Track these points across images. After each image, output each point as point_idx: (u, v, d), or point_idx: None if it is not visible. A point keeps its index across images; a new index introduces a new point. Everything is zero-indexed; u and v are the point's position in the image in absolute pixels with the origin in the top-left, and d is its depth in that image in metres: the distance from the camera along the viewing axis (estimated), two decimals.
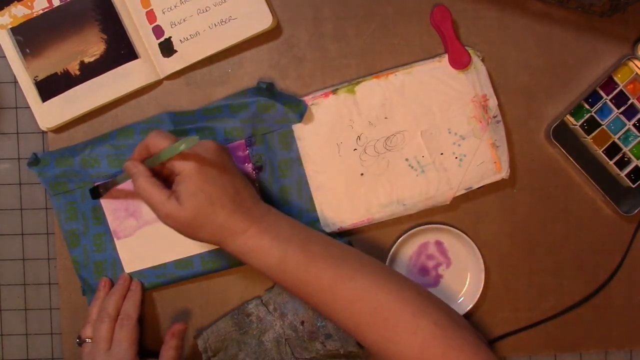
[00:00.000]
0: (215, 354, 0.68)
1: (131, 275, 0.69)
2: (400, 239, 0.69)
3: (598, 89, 0.68)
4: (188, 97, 0.69)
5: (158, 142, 0.57)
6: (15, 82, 0.69)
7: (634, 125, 0.69)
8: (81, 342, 0.65)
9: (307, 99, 0.67)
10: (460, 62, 0.67)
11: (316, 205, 0.68)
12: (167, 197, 0.56)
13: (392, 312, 0.55)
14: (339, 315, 0.57)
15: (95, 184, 0.67)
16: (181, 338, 0.67)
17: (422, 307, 0.56)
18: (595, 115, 0.69)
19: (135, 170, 0.58)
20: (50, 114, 0.68)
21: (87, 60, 0.67)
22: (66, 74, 0.67)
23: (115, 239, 0.68)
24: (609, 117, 0.69)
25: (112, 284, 0.68)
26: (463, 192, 0.68)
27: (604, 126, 0.69)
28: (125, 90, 0.68)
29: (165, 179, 0.60)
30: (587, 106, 0.68)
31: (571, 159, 0.68)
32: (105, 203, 0.68)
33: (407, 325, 0.55)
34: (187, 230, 0.57)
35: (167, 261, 0.69)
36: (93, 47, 0.67)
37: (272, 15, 0.66)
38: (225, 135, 0.67)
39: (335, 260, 0.57)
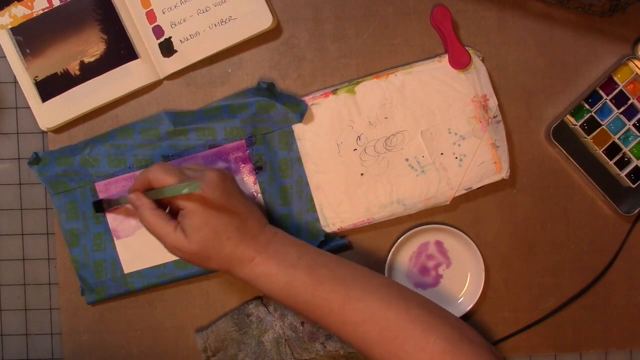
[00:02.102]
0: (215, 354, 0.68)
1: (131, 275, 0.69)
2: (400, 239, 0.69)
3: (598, 89, 0.68)
4: (188, 97, 0.69)
5: (161, 177, 0.57)
6: (15, 82, 0.69)
7: (634, 125, 0.69)
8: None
9: (307, 99, 0.67)
10: (460, 62, 0.67)
11: (316, 205, 0.68)
12: (173, 229, 0.56)
13: (401, 330, 0.55)
14: (349, 335, 0.57)
15: (99, 199, 0.67)
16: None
17: (432, 323, 0.56)
18: (595, 115, 0.69)
19: (139, 203, 0.58)
20: (50, 114, 0.68)
21: (87, 60, 0.67)
22: (66, 74, 0.67)
23: (115, 239, 0.68)
24: (609, 117, 0.69)
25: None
26: (463, 192, 0.68)
27: (604, 126, 0.69)
28: (125, 90, 0.68)
29: (166, 205, 0.60)
30: (587, 106, 0.68)
31: (571, 159, 0.68)
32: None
33: (416, 342, 0.55)
34: (195, 260, 0.58)
35: (167, 261, 0.69)
36: (93, 47, 0.67)
37: (272, 15, 0.66)
38: (225, 135, 0.67)
39: (343, 282, 0.57)
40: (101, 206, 0.67)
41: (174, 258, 0.68)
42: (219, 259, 0.57)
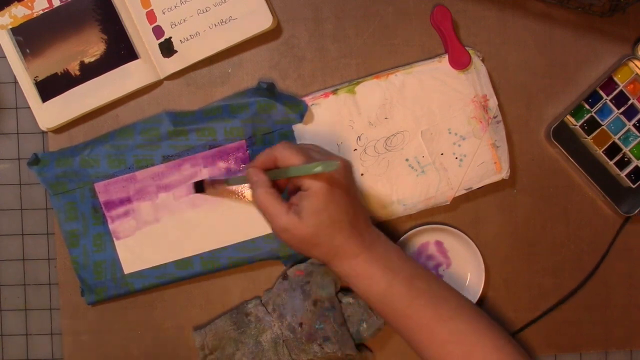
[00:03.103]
0: (212, 352, 0.68)
1: (131, 276, 0.69)
2: (401, 239, 0.69)
3: (598, 89, 0.68)
4: (188, 97, 0.69)
5: (288, 156, 0.56)
6: (15, 82, 0.69)
7: (634, 125, 0.69)
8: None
9: (307, 99, 0.67)
10: (460, 62, 0.67)
11: None
12: (286, 211, 0.56)
13: (485, 357, 0.56)
14: (432, 352, 0.57)
15: (201, 179, 0.66)
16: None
17: (512, 354, 0.57)
18: (595, 116, 0.68)
19: (256, 179, 0.57)
20: (50, 114, 0.68)
21: (87, 60, 0.67)
22: (66, 74, 0.67)
23: (115, 239, 0.68)
24: (609, 118, 0.68)
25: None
26: (463, 192, 0.68)
27: (604, 126, 0.69)
28: (125, 91, 0.68)
29: (280, 189, 0.60)
30: (587, 106, 0.68)
31: (571, 159, 0.68)
32: (105, 203, 0.68)
33: None
34: (301, 245, 0.57)
35: (167, 261, 0.69)
36: (93, 47, 0.67)
37: (272, 15, 0.66)
38: (226, 135, 0.67)
39: (438, 299, 0.58)
40: (202, 186, 0.66)
41: (175, 258, 0.68)
42: (326, 247, 0.57)
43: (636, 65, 0.68)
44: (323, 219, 0.55)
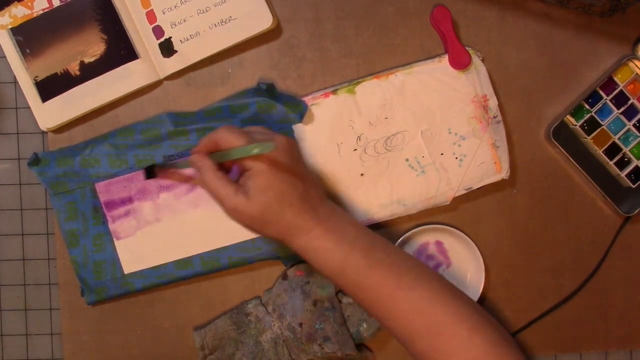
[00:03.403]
0: (212, 352, 0.68)
1: (131, 276, 0.69)
2: (400, 239, 0.69)
3: (598, 89, 0.68)
4: (188, 98, 0.69)
5: (229, 138, 0.57)
6: (15, 82, 0.69)
7: (634, 125, 0.69)
8: None
9: (307, 99, 0.67)
10: (460, 62, 0.67)
11: None
12: (234, 192, 0.56)
13: (448, 327, 0.55)
14: (393, 322, 0.57)
15: (151, 164, 0.66)
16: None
17: (478, 323, 0.55)
18: (595, 116, 0.68)
19: (201, 164, 0.58)
20: (50, 114, 0.68)
21: (87, 60, 0.67)
22: (66, 74, 0.67)
23: (115, 239, 0.68)
24: (609, 118, 0.68)
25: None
26: (463, 192, 0.68)
27: (604, 126, 0.69)
28: (125, 91, 0.68)
29: (227, 169, 0.60)
30: (587, 106, 0.68)
31: (571, 159, 0.68)
32: (106, 203, 0.68)
33: (461, 341, 0.55)
34: (253, 225, 0.57)
35: (167, 261, 0.69)
36: (93, 47, 0.67)
37: (272, 15, 0.66)
38: None
39: (397, 269, 0.57)
40: (153, 172, 0.66)
41: (175, 258, 0.68)
42: (277, 225, 0.57)
43: (636, 65, 0.68)
44: (269, 196, 0.55)
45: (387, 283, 0.56)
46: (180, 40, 0.67)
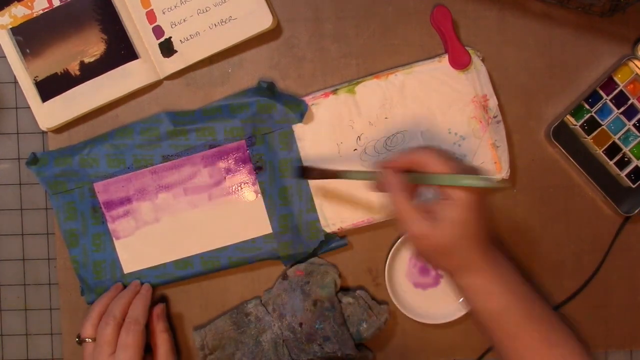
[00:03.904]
0: (212, 352, 0.68)
1: (130, 276, 0.69)
2: (401, 239, 0.69)
3: (598, 89, 0.68)
4: (188, 97, 0.69)
5: (435, 162, 0.55)
6: (15, 82, 0.69)
7: (634, 125, 0.68)
8: (81, 342, 0.65)
9: (308, 99, 0.67)
10: (460, 62, 0.67)
11: (316, 205, 0.68)
12: (422, 217, 0.55)
13: None
14: None
15: (304, 165, 0.65)
16: (165, 319, 0.68)
17: None
18: (595, 116, 0.68)
19: (395, 182, 0.56)
20: (50, 114, 0.68)
21: (87, 60, 0.67)
22: (66, 74, 0.67)
23: (114, 239, 0.69)
24: (609, 117, 0.68)
25: (123, 289, 0.69)
26: None
27: (604, 126, 0.69)
28: (125, 90, 0.68)
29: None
30: (587, 106, 0.68)
31: (571, 159, 0.68)
32: (104, 203, 0.68)
33: None
34: (432, 253, 0.56)
35: (166, 261, 0.69)
36: (93, 47, 0.67)
37: (272, 15, 0.66)
38: (225, 135, 0.67)
39: (550, 325, 0.57)
40: (304, 172, 0.65)
41: (174, 258, 0.68)
42: (456, 259, 0.56)
43: (636, 65, 0.68)
44: (462, 231, 0.54)
45: (538, 336, 0.56)
46: (180, 40, 0.67)
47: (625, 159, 0.69)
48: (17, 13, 0.67)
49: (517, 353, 0.57)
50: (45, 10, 0.67)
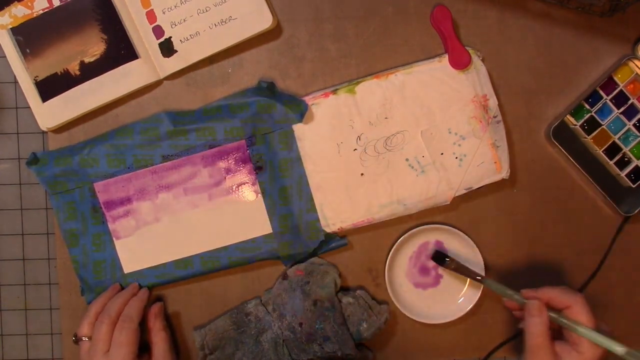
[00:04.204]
0: (212, 352, 0.68)
1: (130, 275, 0.69)
2: (401, 239, 0.69)
3: (598, 89, 0.68)
4: (188, 97, 0.69)
5: (579, 310, 0.59)
6: (15, 82, 0.69)
7: (634, 125, 0.69)
8: (77, 340, 0.65)
9: (308, 99, 0.67)
10: (460, 62, 0.67)
11: (316, 205, 0.68)
12: (554, 356, 0.58)
13: None
14: None
15: (444, 253, 0.69)
16: (163, 317, 0.68)
17: None
18: (595, 115, 0.69)
19: (540, 317, 0.59)
20: (50, 114, 0.68)
21: (87, 60, 0.67)
22: (66, 74, 0.67)
23: (114, 239, 0.69)
24: (609, 117, 0.69)
25: (121, 290, 0.69)
26: (463, 192, 0.68)
27: (604, 126, 0.69)
28: (125, 90, 0.68)
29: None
30: (587, 106, 0.68)
31: (571, 159, 0.68)
32: (104, 203, 0.68)
33: None
34: None
35: (166, 261, 0.69)
36: (93, 47, 0.67)
37: (272, 15, 0.66)
38: (225, 135, 0.67)
39: None
40: (442, 260, 0.68)
41: (174, 258, 0.68)
42: None
43: (636, 65, 0.68)
44: None
45: None
46: (180, 40, 0.67)
47: (625, 159, 0.69)
48: (17, 13, 0.67)
49: None
50: (46, 10, 0.67)
